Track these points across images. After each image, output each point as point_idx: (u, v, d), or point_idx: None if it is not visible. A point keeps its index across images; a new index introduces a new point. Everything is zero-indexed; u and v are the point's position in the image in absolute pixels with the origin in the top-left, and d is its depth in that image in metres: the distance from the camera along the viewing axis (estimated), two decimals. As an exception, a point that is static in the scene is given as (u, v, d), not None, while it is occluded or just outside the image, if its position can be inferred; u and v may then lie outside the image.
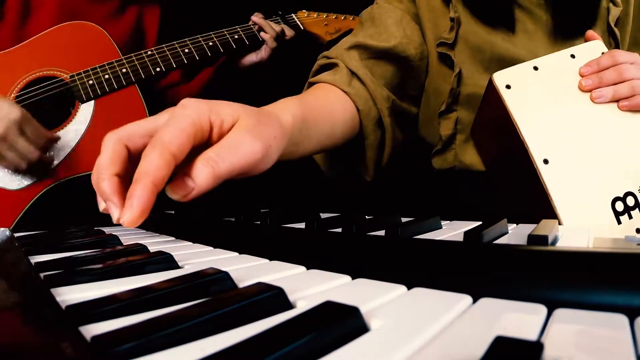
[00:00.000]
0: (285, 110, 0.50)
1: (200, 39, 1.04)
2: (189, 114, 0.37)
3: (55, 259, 0.35)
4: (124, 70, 0.96)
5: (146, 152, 0.34)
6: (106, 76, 0.95)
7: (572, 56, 0.57)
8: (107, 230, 0.59)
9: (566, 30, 0.69)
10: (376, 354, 0.16)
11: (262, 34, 1.09)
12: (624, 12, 0.71)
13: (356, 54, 0.72)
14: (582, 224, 0.49)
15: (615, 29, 0.70)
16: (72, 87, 0.93)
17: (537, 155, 0.51)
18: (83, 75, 0.94)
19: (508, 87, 0.55)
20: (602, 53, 0.58)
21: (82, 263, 0.34)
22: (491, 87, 0.57)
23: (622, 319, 0.19)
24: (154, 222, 0.60)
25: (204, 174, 0.35)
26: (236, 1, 1.27)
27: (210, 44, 1.04)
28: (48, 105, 0.91)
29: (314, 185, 1.08)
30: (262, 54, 1.11)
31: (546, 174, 0.50)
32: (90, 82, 0.94)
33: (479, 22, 0.71)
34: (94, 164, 0.37)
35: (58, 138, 0.89)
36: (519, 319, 0.20)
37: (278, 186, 1.22)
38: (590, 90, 0.55)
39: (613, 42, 0.71)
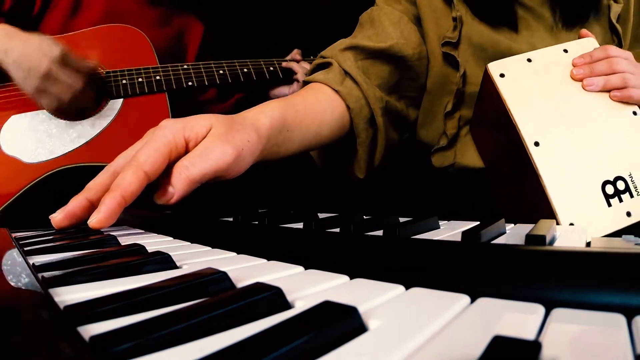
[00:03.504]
0: (264, 113, 0.53)
1: (237, 63, 1.08)
2: (164, 134, 0.43)
3: (54, 259, 0.35)
4: (157, 77, 1.00)
5: (123, 170, 0.40)
6: (140, 79, 0.98)
7: (565, 51, 0.59)
8: (105, 230, 0.59)
9: (569, 28, 0.70)
10: (374, 354, 0.16)
11: (295, 76, 1.14)
12: (624, 9, 0.72)
13: (351, 54, 0.72)
14: (572, 207, 0.50)
15: (617, 25, 0.70)
16: (105, 82, 0.97)
17: (528, 138, 0.53)
18: (118, 73, 0.98)
19: (502, 75, 0.57)
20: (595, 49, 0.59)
21: (80, 263, 0.34)
22: (486, 77, 0.58)
23: (619, 319, 0.19)
24: (152, 222, 0.60)
25: (180, 180, 0.41)
26: (279, 36, 1.31)
27: (245, 70, 1.08)
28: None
29: (311, 185, 1.08)
30: (294, 88, 1.15)
31: (537, 155, 0.52)
32: (124, 81, 0.97)
33: (482, 22, 0.72)
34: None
35: (97, 68, 0.93)
36: (517, 318, 0.20)
37: (276, 186, 1.22)
38: (581, 79, 0.56)
39: (616, 38, 0.71)
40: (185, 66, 1.03)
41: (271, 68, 1.11)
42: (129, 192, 0.39)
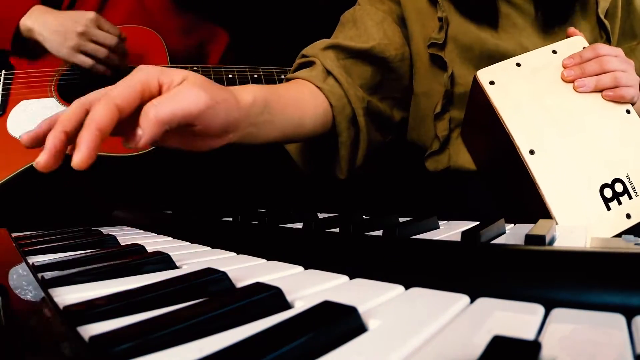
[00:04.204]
0: (247, 90, 0.54)
1: (247, 69, 1.08)
2: (139, 75, 0.42)
3: (54, 260, 0.35)
4: None
5: (95, 104, 0.39)
6: None
7: (554, 52, 0.59)
8: (105, 230, 0.59)
9: (554, 22, 0.69)
10: (374, 354, 0.16)
11: None
12: (612, 4, 0.72)
13: (332, 54, 0.72)
14: (571, 213, 0.49)
15: (605, 21, 0.70)
16: (115, 77, 0.97)
17: (522, 146, 0.52)
18: (129, 69, 0.99)
19: (492, 83, 0.56)
20: (584, 48, 0.59)
21: (80, 263, 0.34)
22: (476, 85, 0.58)
23: (619, 319, 0.19)
24: (152, 222, 0.60)
25: (147, 120, 0.39)
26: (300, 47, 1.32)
27: (255, 76, 1.08)
28: (91, 82, 0.96)
29: (311, 185, 1.08)
30: None
31: (533, 164, 0.51)
32: None
33: (467, 19, 0.71)
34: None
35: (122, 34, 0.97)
36: (517, 318, 0.20)
37: (276, 186, 1.22)
38: (572, 81, 0.56)
39: (604, 34, 0.71)
40: (195, 68, 1.04)
41: (282, 76, 1.11)
42: (104, 124, 0.38)
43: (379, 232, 0.38)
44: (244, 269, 0.31)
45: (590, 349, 0.16)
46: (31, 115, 0.94)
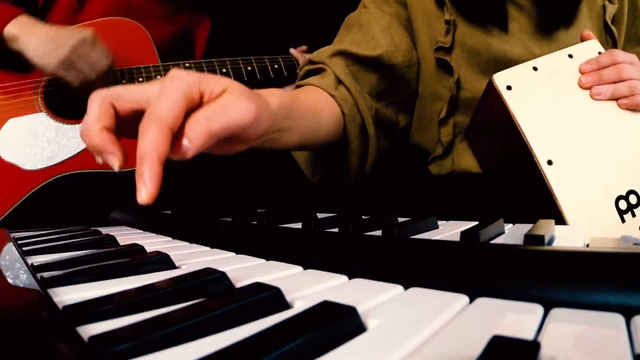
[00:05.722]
0: (272, 93, 0.52)
1: (240, 61, 1.05)
2: (180, 86, 0.39)
3: (53, 260, 0.35)
4: (158, 77, 0.97)
5: (144, 127, 0.36)
6: (140, 79, 0.96)
7: (570, 56, 0.58)
8: (104, 230, 0.59)
9: (558, 24, 0.69)
10: (373, 354, 0.16)
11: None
12: (619, 10, 0.72)
13: (340, 60, 0.71)
14: (586, 224, 0.49)
15: (612, 27, 0.70)
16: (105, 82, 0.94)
17: (540, 156, 0.51)
18: (118, 73, 0.95)
19: (509, 88, 0.55)
20: (599, 52, 0.58)
21: (79, 263, 0.34)
22: (491, 88, 0.57)
23: (618, 318, 0.19)
24: (151, 222, 0.60)
25: (197, 132, 0.37)
26: (289, 31, 1.29)
27: (249, 68, 1.05)
28: (77, 93, 0.91)
29: (310, 185, 1.08)
30: None
31: (551, 175, 0.50)
32: (124, 81, 0.95)
33: (474, 24, 0.71)
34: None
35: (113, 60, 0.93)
36: (516, 318, 0.20)
37: (275, 186, 1.22)
38: (589, 88, 0.55)
39: (610, 39, 0.71)
40: (187, 64, 1.00)
41: (275, 66, 1.09)
42: (163, 152, 0.36)
43: (379, 232, 0.38)
44: (244, 269, 0.31)
45: (589, 348, 0.16)
46: (23, 135, 0.88)
